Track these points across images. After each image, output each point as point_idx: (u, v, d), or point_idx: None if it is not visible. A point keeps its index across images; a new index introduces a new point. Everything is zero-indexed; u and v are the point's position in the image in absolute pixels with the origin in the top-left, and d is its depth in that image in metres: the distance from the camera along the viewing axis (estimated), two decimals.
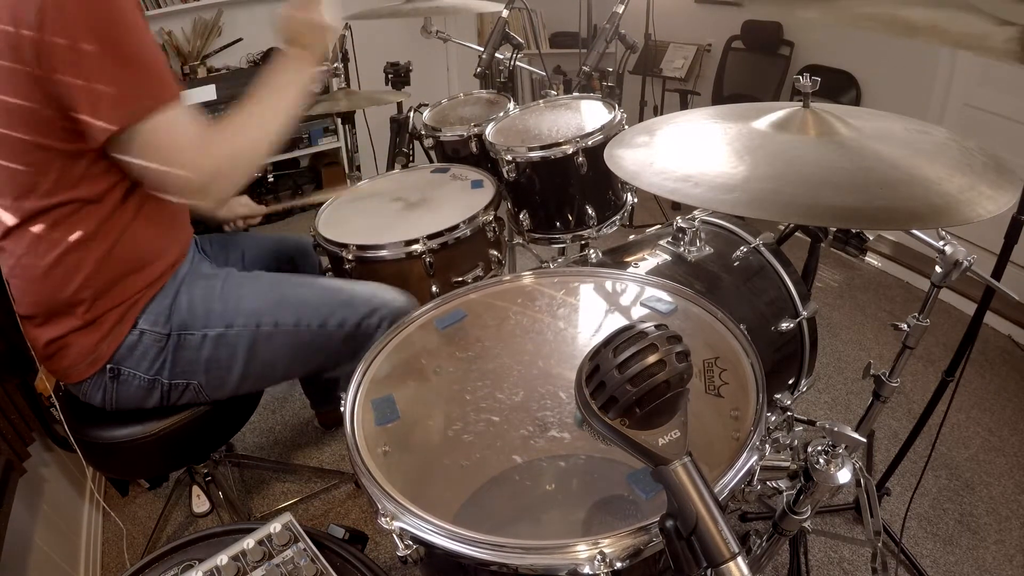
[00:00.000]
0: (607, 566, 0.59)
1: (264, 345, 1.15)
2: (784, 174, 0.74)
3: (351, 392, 0.85)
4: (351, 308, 1.18)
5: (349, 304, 1.19)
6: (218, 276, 1.19)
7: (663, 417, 0.55)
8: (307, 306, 1.17)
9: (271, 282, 1.21)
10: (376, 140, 2.50)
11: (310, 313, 1.17)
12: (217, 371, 1.14)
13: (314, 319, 1.17)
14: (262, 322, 1.14)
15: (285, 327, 1.15)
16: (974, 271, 1.04)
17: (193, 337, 1.11)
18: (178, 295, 1.12)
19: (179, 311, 1.11)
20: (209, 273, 1.20)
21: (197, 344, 1.11)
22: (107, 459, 1.20)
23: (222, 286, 1.16)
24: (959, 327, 1.63)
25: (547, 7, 3.99)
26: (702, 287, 1.19)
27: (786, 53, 3.00)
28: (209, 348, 1.12)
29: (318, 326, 1.17)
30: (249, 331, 1.13)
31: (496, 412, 0.83)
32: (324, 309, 1.17)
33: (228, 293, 1.15)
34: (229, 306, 1.14)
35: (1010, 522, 1.56)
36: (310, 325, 1.16)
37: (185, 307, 1.11)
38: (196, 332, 1.11)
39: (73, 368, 1.08)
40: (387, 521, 0.66)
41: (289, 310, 1.16)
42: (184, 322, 1.11)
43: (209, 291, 1.14)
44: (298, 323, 1.16)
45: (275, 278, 1.23)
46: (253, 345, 1.14)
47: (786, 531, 0.81)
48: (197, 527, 1.66)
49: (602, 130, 1.42)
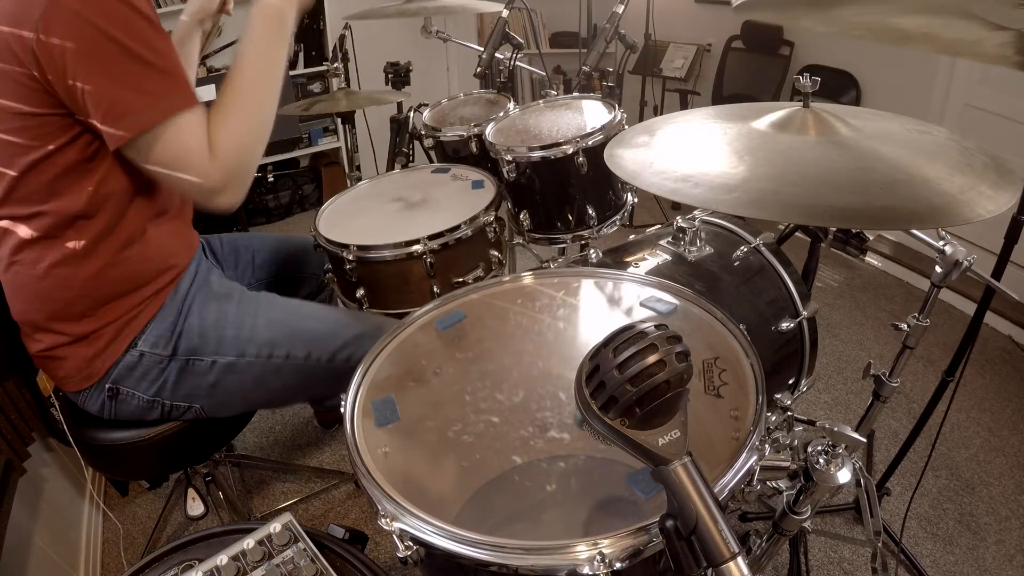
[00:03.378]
0: (607, 566, 0.59)
1: (272, 376, 1.15)
2: (784, 174, 0.74)
3: (351, 394, 0.85)
4: (360, 343, 1.18)
5: (359, 339, 1.18)
6: (231, 298, 1.17)
7: (663, 417, 0.55)
8: (319, 339, 1.17)
9: (284, 311, 1.20)
10: (376, 140, 2.49)
11: (321, 347, 1.17)
12: (222, 396, 1.14)
13: (324, 353, 1.17)
14: (274, 354, 1.14)
15: (295, 360, 1.15)
16: (974, 271, 1.04)
17: (202, 363, 1.10)
18: (187, 316, 1.10)
19: (189, 335, 1.09)
20: (219, 292, 1.17)
21: (205, 370, 1.11)
22: (107, 460, 1.20)
23: (236, 310, 1.15)
24: (959, 327, 1.63)
25: (547, 7, 3.99)
26: (702, 287, 1.19)
27: (786, 53, 3.00)
28: (217, 374, 1.11)
29: (327, 360, 1.17)
30: (260, 361, 1.13)
31: (496, 413, 0.83)
32: (334, 343, 1.17)
33: (242, 320, 1.14)
34: (243, 334, 1.13)
35: (1010, 522, 1.56)
36: (320, 359, 1.16)
37: (196, 331, 1.10)
38: (206, 358, 1.10)
39: (68, 379, 1.07)
40: (387, 522, 0.66)
41: (301, 343, 1.16)
42: (194, 347, 1.10)
43: (221, 315, 1.13)
44: (308, 356, 1.16)
45: (288, 306, 1.22)
46: (262, 375, 1.14)
47: (786, 531, 0.81)
48: (197, 527, 1.66)
49: (602, 130, 1.42)
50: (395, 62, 2.13)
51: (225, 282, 1.22)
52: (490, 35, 1.89)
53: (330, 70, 2.07)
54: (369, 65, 2.36)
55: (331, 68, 2.05)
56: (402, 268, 1.31)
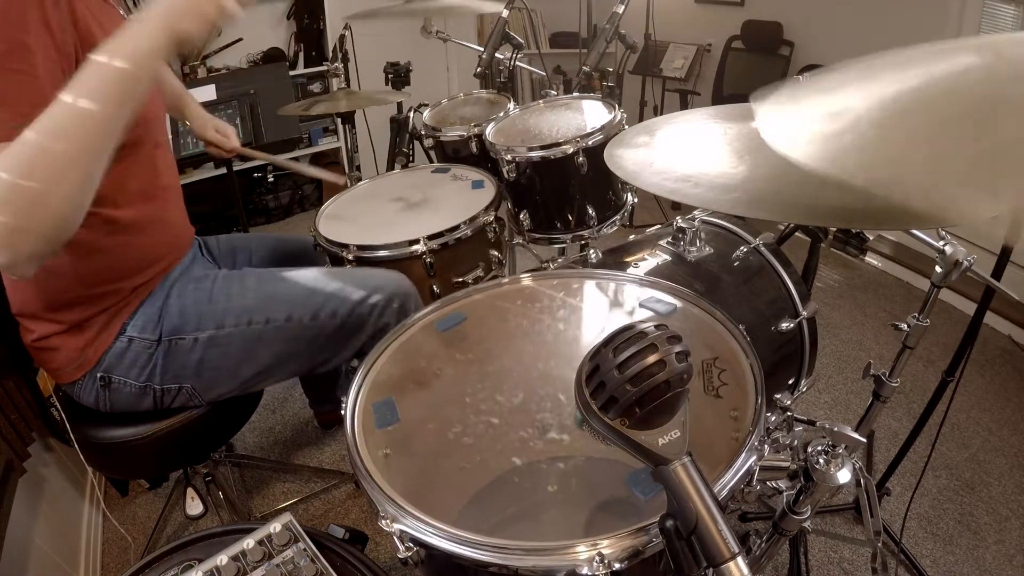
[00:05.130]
0: (606, 567, 0.59)
1: (256, 343, 1.14)
2: (784, 174, 0.74)
3: (351, 395, 0.85)
4: (342, 297, 1.17)
5: (340, 293, 1.17)
6: (208, 278, 1.18)
7: (663, 417, 0.55)
8: (297, 300, 1.16)
9: (260, 278, 1.20)
10: (376, 140, 2.49)
11: (300, 306, 1.15)
12: (209, 373, 1.13)
13: (305, 312, 1.15)
14: (253, 320, 1.13)
15: (276, 323, 1.14)
16: (974, 271, 1.04)
17: (184, 341, 1.10)
18: (168, 300, 1.11)
19: (170, 316, 1.10)
20: (200, 275, 1.19)
21: (188, 348, 1.11)
22: (107, 459, 1.20)
23: (212, 287, 1.15)
24: (959, 327, 1.63)
25: (547, 7, 3.99)
26: (702, 287, 1.19)
27: (786, 53, 3.00)
28: (200, 350, 1.11)
29: (310, 319, 1.15)
30: (240, 330, 1.12)
31: (496, 414, 0.83)
32: (315, 301, 1.16)
33: (217, 294, 1.14)
34: (219, 307, 1.13)
35: (1010, 522, 1.56)
36: (302, 319, 1.15)
37: (176, 312, 1.11)
38: (187, 336, 1.10)
39: (62, 370, 1.08)
40: (388, 523, 0.66)
41: (279, 305, 1.15)
42: (175, 327, 1.10)
43: (199, 294, 1.14)
44: (289, 318, 1.14)
45: (264, 274, 1.22)
46: (245, 344, 1.13)
47: (786, 531, 0.81)
48: (197, 527, 1.66)
49: (602, 130, 1.42)
50: (395, 62, 2.13)
51: (209, 270, 1.23)
52: (490, 35, 1.89)
53: (330, 70, 2.07)
54: (369, 65, 2.36)
55: (331, 68, 2.06)
56: (402, 268, 1.31)
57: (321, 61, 3.34)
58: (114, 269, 1.05)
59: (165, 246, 1.14)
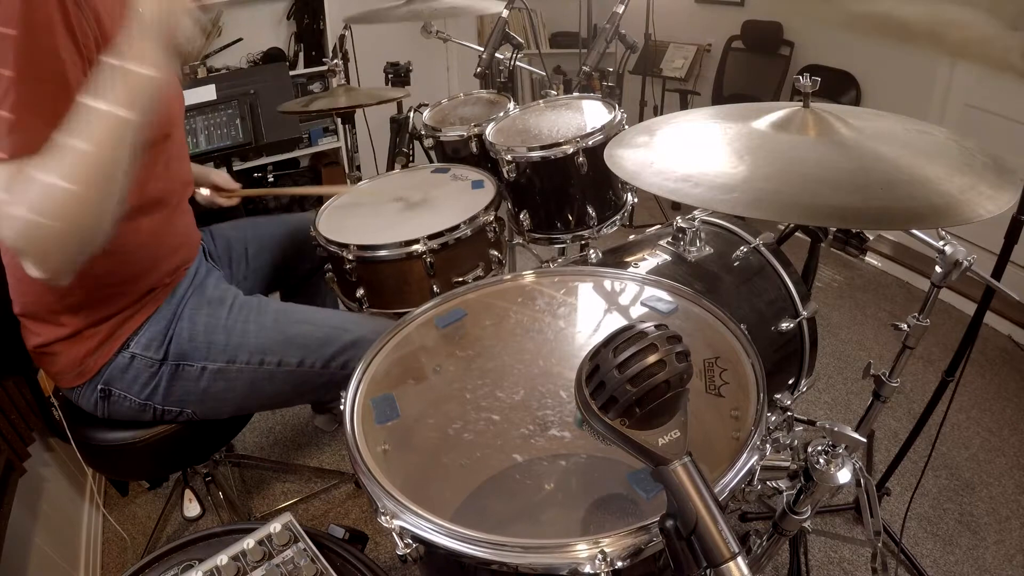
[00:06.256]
0: (607, 565, 0.59)
1: (265, 382, 1.14)
2: (784, 174, 0.74)
3: (351, 391, 0.85)
4: (356, 349, 1.15)
5: (355, 345, 1.16)
6: (224, 304, 1.16)
7: (663, 417, 0.55)
8: (312, 346, 1.15)
9: (276, 316, 1.18)
10: (376, 140, 2.49)
11: (314, 353, 1.14)
12: (212, 402, 1.13)
13: (318, 359, 1.14)
14: (266, 360, 1.12)
15: (288, 366, 1.13)
16: (974, 271, 1.04)
17: (192, 368, 1.09)
18: (178, 320, 1.10)
19: (179, 339, 1.09)
20: (213, 296, 1.16)
21: (195, 375, 1.10)
22: (106, 460, 1.20)
23: (227, 317, 1.14)
24: (959, 327, 1.63)
25: (547, 7, 3.99)
26: (702, 287, 1.19)
27: (786, 53, 3.00)
28: (207, 380, 1.10)
29: (321, 366, 1.15)
30: (251, 368, 1.12)
31: (496, 411, 0.83)
32: (329, 349, 1.15)
33: (233, 325, 1.13)
34: (233, 340, 1.11)
35: (1010, 522, 1.56)
36: (314, 365, 1.14)
37: (186, 336, 1.09)
38: (196, 364, 1.09)
39: (62, 375, 1.08)
40: (387, 519, 0.66)
41: (293, 349, 1.14)
42: (184, 352, 1.09)
43: (213, 320, 1.12)
44: (302, 362, 1.14)
45: (281, 310, 1.20)
46: (252, 380, 1.13)
47: (786, 531, 0.81)
48: (197, 527, 1.66)
49: (602, 130, 1.42)
50: (395, 62, 2.13)
51: (221, 286, 1.21)
52: (490, 35, 1.89)
53: (329, 67, 2.07)
54: (369, 65, 2.36)
55: (330, 64, 2.05)
56: (402, 268, 1.31)
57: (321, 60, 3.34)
58: (123, 270, 1.04)
59: (173, 248, 1.13)
